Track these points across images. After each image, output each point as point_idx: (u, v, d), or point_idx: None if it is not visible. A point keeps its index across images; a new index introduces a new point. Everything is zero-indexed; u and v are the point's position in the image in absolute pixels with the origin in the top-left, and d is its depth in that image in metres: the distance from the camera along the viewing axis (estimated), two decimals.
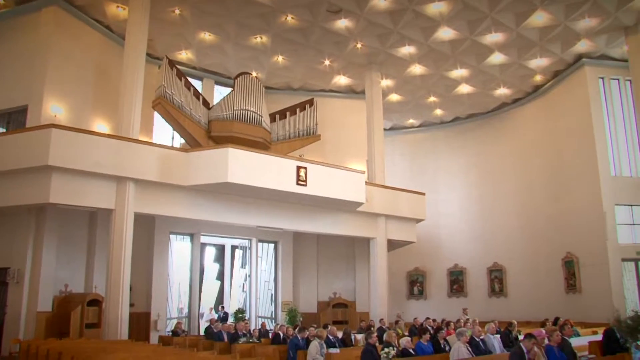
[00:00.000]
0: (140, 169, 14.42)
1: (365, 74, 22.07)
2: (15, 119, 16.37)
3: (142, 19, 16.22)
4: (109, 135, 14.89)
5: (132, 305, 15.03)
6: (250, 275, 20.89)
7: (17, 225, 14.90)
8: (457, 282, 25.91)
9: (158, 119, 19.18)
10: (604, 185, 20.15)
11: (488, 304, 24.07)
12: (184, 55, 21.11)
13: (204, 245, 20.67)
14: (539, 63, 21.65)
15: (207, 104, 19.16)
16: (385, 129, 25.42)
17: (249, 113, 18.44)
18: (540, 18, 18.43)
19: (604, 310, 17.53)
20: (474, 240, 25.66)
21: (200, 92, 19.90)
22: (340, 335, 13.07)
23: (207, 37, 19.79)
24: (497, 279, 24.78)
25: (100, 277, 15.38)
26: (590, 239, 20.20)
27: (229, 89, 20.12)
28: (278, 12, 18.18)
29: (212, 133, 18.36)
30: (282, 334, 13.50)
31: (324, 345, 11.07)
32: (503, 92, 24.22)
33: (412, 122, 27.97)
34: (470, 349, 9.91)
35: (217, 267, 21.64)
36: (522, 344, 8.52)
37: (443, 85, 23.58)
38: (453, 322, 16.07)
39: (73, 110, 16.62)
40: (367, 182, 19.12)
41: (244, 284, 21.30)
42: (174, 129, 19.18)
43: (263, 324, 16.72)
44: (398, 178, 24.41)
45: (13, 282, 14.47)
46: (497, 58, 21.12)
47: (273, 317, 21.21)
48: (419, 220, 21.51)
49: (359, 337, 14.55)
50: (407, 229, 21.03)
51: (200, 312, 19.67)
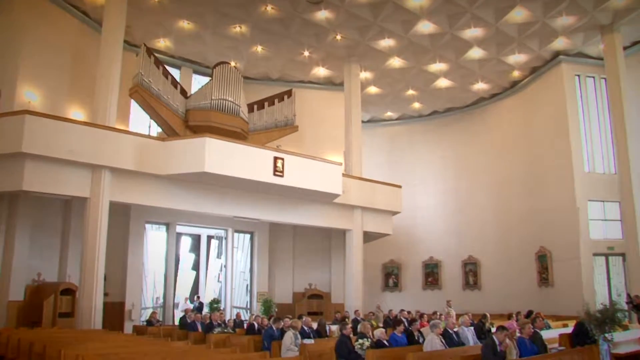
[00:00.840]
0: (116, 158, 14.27)
1: (345, 66, 22.04)
2: None
3: (120, 6, 16.05)
4: (85, 123, 14.69)
5: (106, 295, 14.95)
6: (226, 266, 20.85)
7: None
8: (432, 274, 26.08)
9: (135, 107, 18.94)
10: (578, 181, 20.45)
11: (462, 297, 24.26)
12: (162, 44, 20.90)
13: (180, 235, 20.52)
14: (517, 59, 21.84)
15: (184, 93, 19.05)
16: (363, 121, 25.48)
17: (227, 103, 18.38)
18: (519, 14, 18.62)
19: (575, 304, 17.61)
20: (449, 234, 25.84)
21: (178, 80, 19.77)
22: (315, 326, 13.11)
23: (186, 25, 19.60)
24: (471, 272, 25.03)
25: (75, 266, 15.24)
26: (564, 234, 20.52)
27: (207, 78, 19.95)
28: (258, 2, 18.11)
29: (189, 122, 18.25)
30: (256, 325, 13.52)
31: (299, 336, 11.08)
32: (481, 87, 24.42)
33: (390, 114, 28.03)
34: (444, 341, 10.02)
35: (192, 257, 21.50)
36: (494, 336, 8.67)
37: (422, 79, 23.67)
38: (427, 314, 16.21)
39: (48, 97, 16.34)
40: (344, 173, 19.12)
41: (220, 274, 21.23)
42: (151, 118, 19.00)
43: (238, 314, 16.73)
44: (375, 170, 24.42)
45: None
46: (476, 53, 21.28)
47: (248, 307, 21.21)
48: (395, 213, 21.60)
49: (334, 328, 14.62)
50: (383, 221, 21.10)
51: (176, 302, 19.58)
